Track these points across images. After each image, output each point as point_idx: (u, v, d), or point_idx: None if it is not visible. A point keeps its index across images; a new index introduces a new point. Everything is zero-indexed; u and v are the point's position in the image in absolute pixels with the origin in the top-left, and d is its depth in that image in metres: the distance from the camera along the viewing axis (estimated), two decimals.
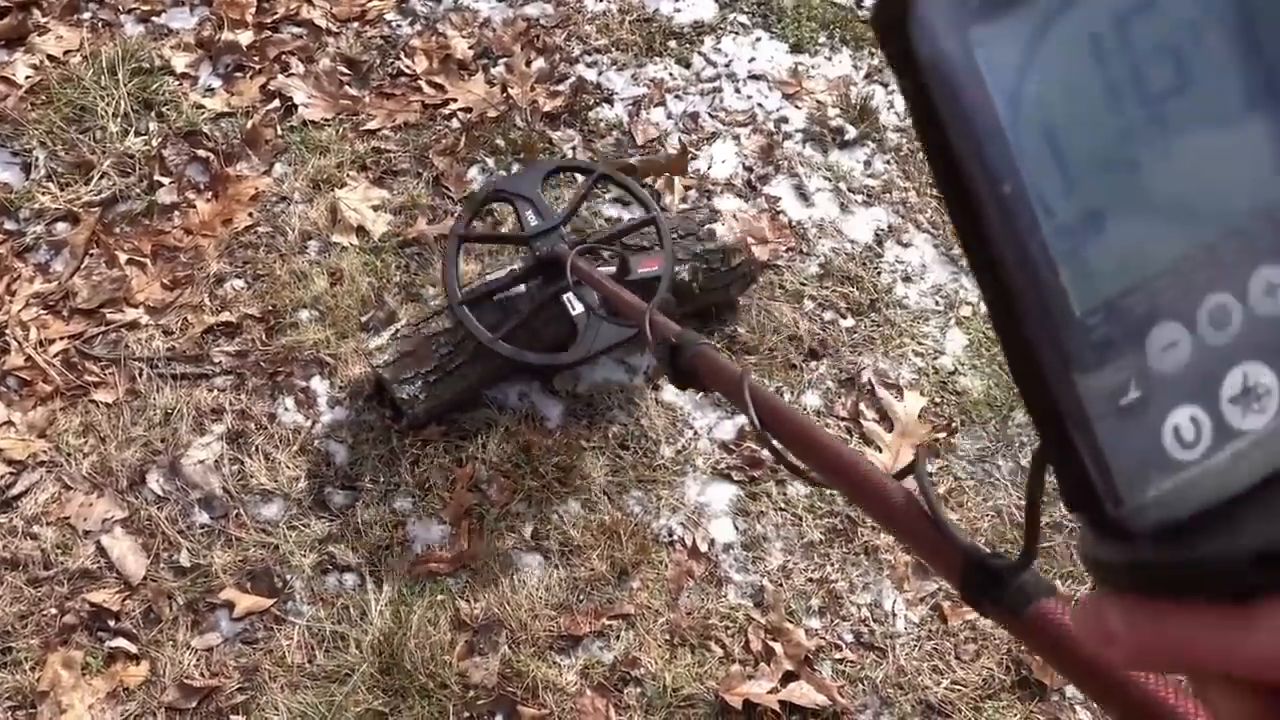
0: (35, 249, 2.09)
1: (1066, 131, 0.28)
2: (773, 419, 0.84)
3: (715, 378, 1.02)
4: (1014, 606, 0.54)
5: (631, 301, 1.36)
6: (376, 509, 1.79)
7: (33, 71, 2.31)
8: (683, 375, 1.07)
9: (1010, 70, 0.28)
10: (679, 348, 1.07)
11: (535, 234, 1.82)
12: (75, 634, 1.68)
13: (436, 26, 2.45)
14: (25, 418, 1.87)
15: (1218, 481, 0.29)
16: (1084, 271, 0.29)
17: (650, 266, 1.80)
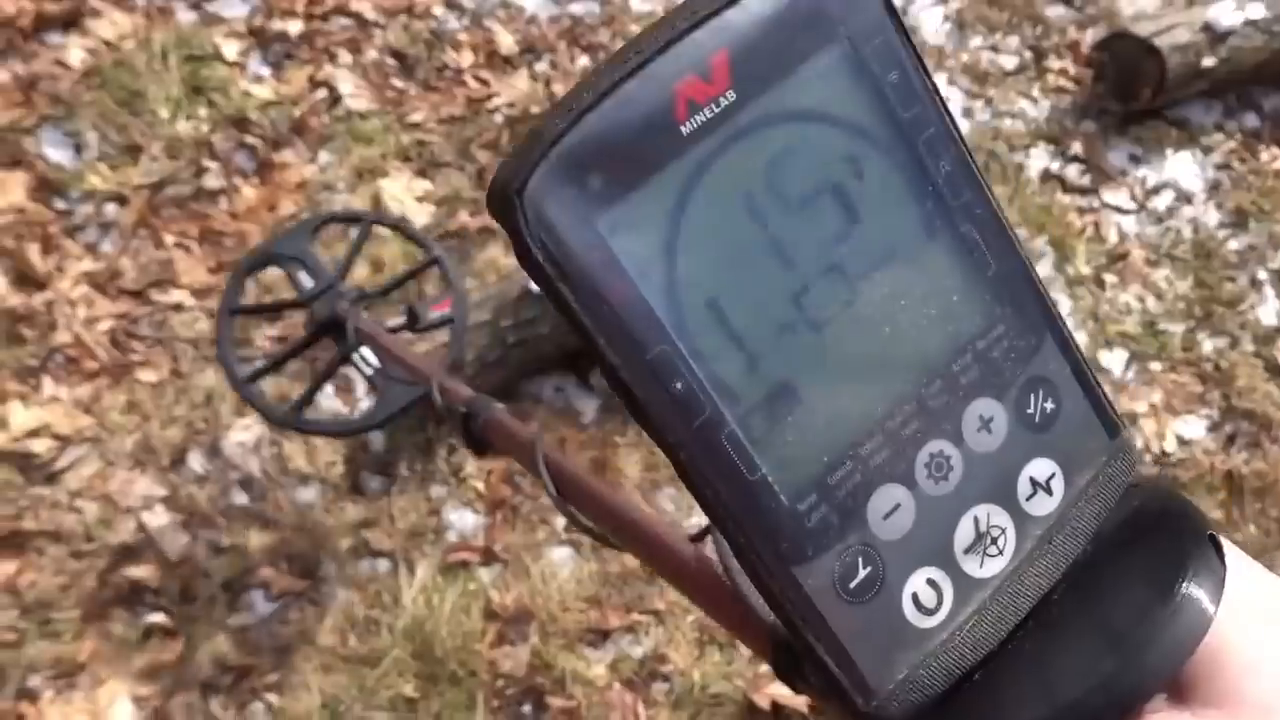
0: (85, 228, 2.12)
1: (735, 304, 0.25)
2: (569, 485, 0.78)
3: (508, 444, 0.93)
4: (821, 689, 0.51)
5: (415, 364, 1.25)
6: (411, 496, 1.81)
7: (87, 55, 2.35)
8: (478, 443, 0.98)
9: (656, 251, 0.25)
10: (469, 415, 0.97)
11: (313, 296, 1.64)
12: (114, 607, 1.71)
13: (483, 21, 2.47)
14: (72, 393, 1.91)
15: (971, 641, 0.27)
16: (784, 455, 0.26)
17: (441, 309, 1.66)
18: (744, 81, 0.25)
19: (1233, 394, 1.99)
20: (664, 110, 0.24)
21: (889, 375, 0.27)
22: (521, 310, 1.82)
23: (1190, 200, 2.29)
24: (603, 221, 0.24)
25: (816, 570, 0.26)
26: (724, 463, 0.25)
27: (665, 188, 0.24)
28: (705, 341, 0.25)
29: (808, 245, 0.26)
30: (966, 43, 2.51)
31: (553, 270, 0.24)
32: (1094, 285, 2.13)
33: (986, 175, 0.28)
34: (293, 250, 1.72)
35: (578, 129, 0.24)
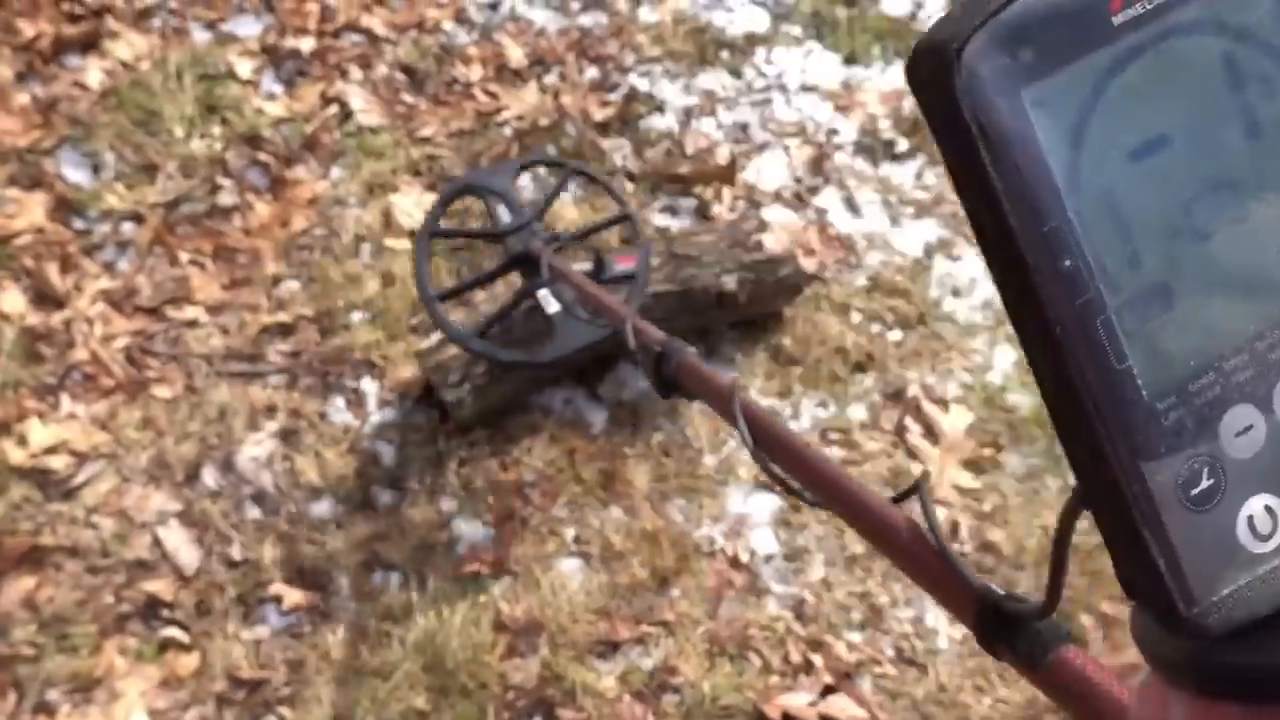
0: (102, 247, 2.16)
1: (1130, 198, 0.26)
2: (767, 438, 0.78)
3: (701, 388, 0.95)
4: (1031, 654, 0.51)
5: (611, 304, 1.29)
6: (422, 509, 1.82)
7: (104, 76, 2.39)
8: (667, 385, 1.01)
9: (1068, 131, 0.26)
10: (663, 355, 1.01)
11: (508, 230, 1.77)
12: (130, 622, 1.73)
13: (492, 35, 2.49)
14: (88, 410, 1.94)
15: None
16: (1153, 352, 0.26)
17: (626, 264, 1.76)
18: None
19: None
20: None
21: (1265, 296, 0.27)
22: (532, 322, 1.83)
23: None
24: (1027, 93, 0.25)
25: (1163, 469, 0.26)
26: (1096, 347, 0.26)
27: (1088, 72, 0.25)
28: (1097, 227, 0.26)
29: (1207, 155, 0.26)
30: None
31: (976, 129, 0.25)
32: None
33: None
34: (496, 185, 1.84)
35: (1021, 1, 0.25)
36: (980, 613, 0.53)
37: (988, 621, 0.53)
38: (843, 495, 0.69)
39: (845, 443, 1.90)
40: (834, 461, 0.73)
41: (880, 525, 0.65)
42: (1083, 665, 0.49)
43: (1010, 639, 0.52)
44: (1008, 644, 0.52)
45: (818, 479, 0.72)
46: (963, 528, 1.80)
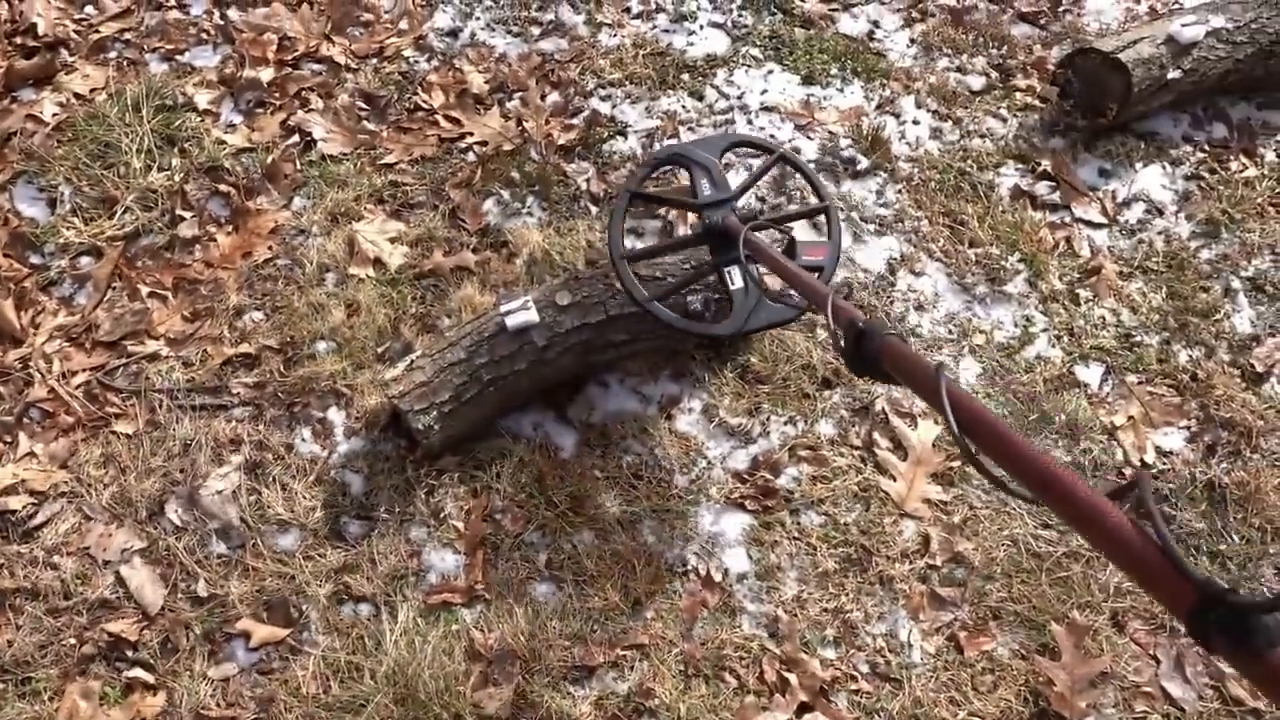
0: (60, 283, 2.13)
1: None
2: (971, 423, 0.77)
3: (905, 371, 0.95)
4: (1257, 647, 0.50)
5: (812, 284, 1.30)
6: (391, 539, 1.80)
7: (59, 109, 2.36)
8: (863, 363, 1.02)
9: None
10: (865, 334, 1.02)
11: (708, 203, 1.80)
12: (93, 664, 1.69)
13: (453, 62, 2.49)
14: (47, 449, 1.90)
15: None
16: None
17: (815, 256, 1.78)
18: None
19: (1210, 404, 1.99)
20: None
21: None
22: (498, 348, 1.82)
23: (1161, 212, 2.30)
24: None
25: None
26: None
27: None
28: None
29: None
30: (934, 64, 2.54)
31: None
32: (1068, 300, 2.13)
33: None
34: (702, 158, 1.86)
35: None
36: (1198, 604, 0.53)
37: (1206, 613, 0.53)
38: (1054, 486, 0.68)
39: (814, 459, 1.90)
40: (1048, 454, 0.71)
41: (1095, 519, 0.64)
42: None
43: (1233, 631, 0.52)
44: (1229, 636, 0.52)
45: (1027, 469, 0.70)
46: (933, 540, 1.81)
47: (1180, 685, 1.68)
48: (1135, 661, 1.70)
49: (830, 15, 2.62)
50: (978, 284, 2.14)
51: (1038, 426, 1.94)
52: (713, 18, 2.60)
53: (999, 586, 1.77)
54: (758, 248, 1.57)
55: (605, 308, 1.86)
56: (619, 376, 1.99)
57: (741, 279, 1.73)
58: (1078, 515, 0.66)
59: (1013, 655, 1.71)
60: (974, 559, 1.79)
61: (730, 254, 1.70)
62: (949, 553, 1.80)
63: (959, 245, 2.19)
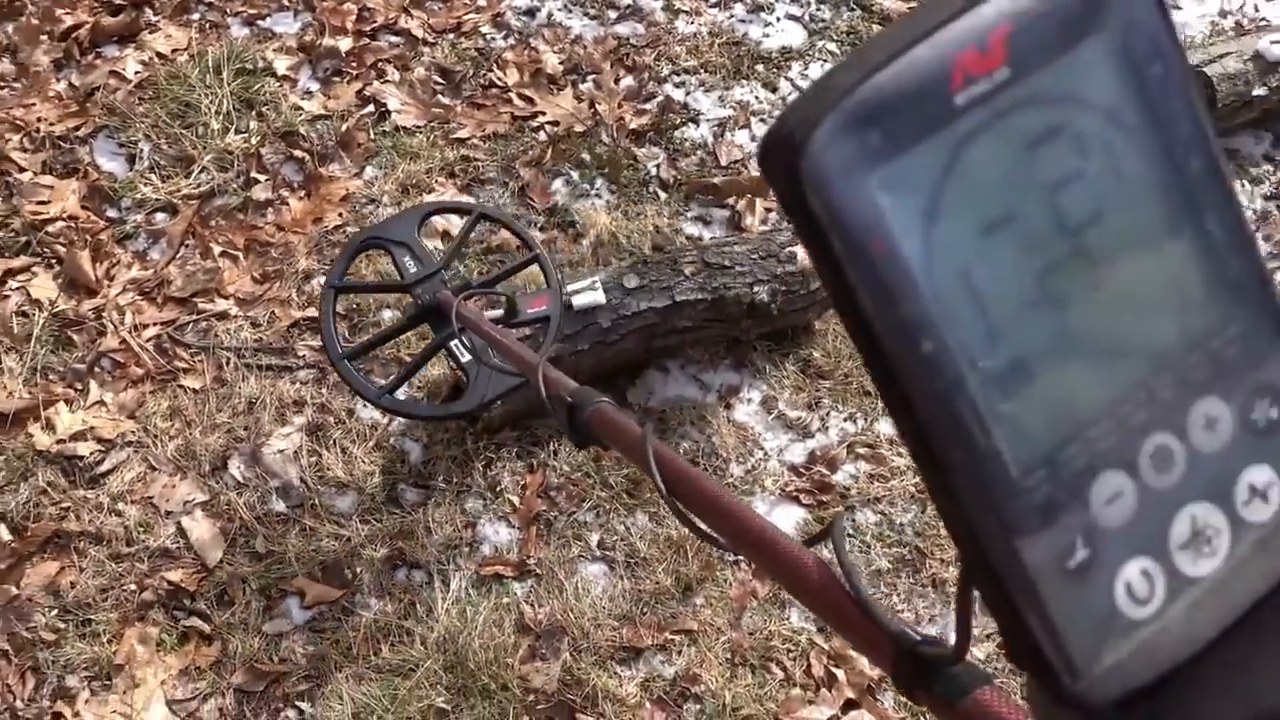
0: (135, 237, 2.17)
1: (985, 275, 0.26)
2: (679, 483, 0.77)
3: (615, 438, 0.93)
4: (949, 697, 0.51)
5: (521, 354, 1.27)
6: (448, 508, 1.82)
7: (142, 68, 2.40)
8: (581, 434, 0.99)
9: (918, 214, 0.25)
10: (575, 406, 0.98)
11: (415, 281, 1.72)
12: (152, 610, 1.72)
13: (529, 41, 2.50)
14: (116, 398, 1.94)
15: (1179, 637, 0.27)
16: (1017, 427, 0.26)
17: (538, 306, 1.72)
18: (1018, 60, 0.26)
19: None
20: (942, 78, 0.25)
21: (1123, 362, 0.28)
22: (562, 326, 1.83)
23: None
24: (875, 178, 0.25)
25: (1036, 545, 0.26)
26: (960, 426, 0.26)
27: (934, 153, 0.25)
28: (954, 308, 0.26)
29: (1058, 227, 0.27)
30: None
31: (825, 216, 0.25)
32: None
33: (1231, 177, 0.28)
34: (400, 235, 1.79)
35: (867, 85, 0.25)
36: (898, 658, 0.53)
37: (905, 666, 0.52)
38: (754, 540, 0.68)
39: (873, 457, 1.89)
40: (746, 506, 0.71)
41: (793, 570, 0.63)
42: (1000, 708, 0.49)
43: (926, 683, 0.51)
44: (924, 687, 0.52)
45: (730, 523, 0.71)
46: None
47: None
48: None
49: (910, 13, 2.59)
50: None
51: None
52: (790, 10, 2.58)
53: None
54: (467, 319, 1.51)
55: (672, 293, 1.86)
56: (680, 363, 1.99)
57: (469, 351, 1.66)
58: (778, 569, 0.65)
59: None
60: None
61: (449, 329, 1.62)
62: None
63: None
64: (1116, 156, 0.27)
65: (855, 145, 0.24)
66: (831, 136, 0.24)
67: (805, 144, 0.24)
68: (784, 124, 0.25)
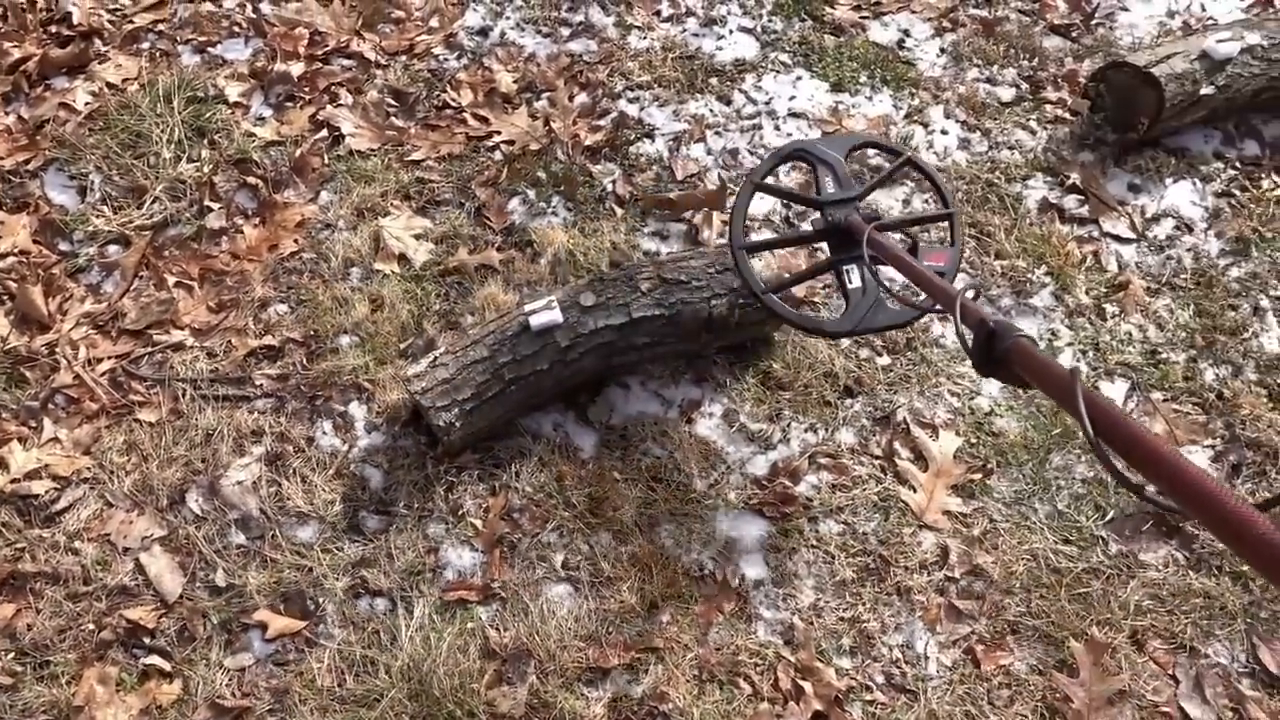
0: (87, 270, 2.14)
1: None
2: (1109, 429, 0.74)
3: (1037, 374, 0.94)
4: None
5: (940, 284, 1.29)
6: (410, 534, 1.80)
7: (92, 98, 2.38)
8: (993, 364, 1.02)
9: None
10: (995, 334, 1.01)
11: (831, 201, 1.77)
12: (111, 650, 1.70)
13: (482, 61, 2.50)
14: (71, 435, 1.91)
15: None
16: None
17: (937, 261, 1.75)
18: None
19: (1236, 423, 1.97)
20: None
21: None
22: (520, 347, 1.82)
23: (1190, 229, 2.28)
24: None
25: None
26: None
27: None
28: None
29: None
30: (964, 74, 2.53)
31: None
32: (1094, 315, 2.12)
33: None
34: (828, 156, 1.83)
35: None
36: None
37: None
38: (1197, 493, 0.65)
39: (835, 467, 1.89)
40: (1188, 459, 0.68)
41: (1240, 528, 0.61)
42: None
43: None
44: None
45: (1168, 475, 0.67)
46: (952, 552, 1.80)
47: (1199, 706, 1.66)
48: (1154, 681, 1.68)
49: (861, 23, 2.61)
50: (1003, 296, 2.13)
51: (1060, 441, 1.93)
52: (742, 22, 2.59)
53: (1017, 601, 1.76)
54: (884, 247, 1.54)
55: (629, 309, 1.86)
56: (640, 379, 1.99)
57: (860, 279, 1.70)
58: (1225, 527, 0.62)
59: (1030, 670, 1.69)
60: (993, 572, 1.78)
61: (850, 253, 1.69)
62: (968, 565, 1.79)
63: (985, 257, 2.18)
64: None
65: None
66: None
67: None
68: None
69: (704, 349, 1.98)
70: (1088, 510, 1.85)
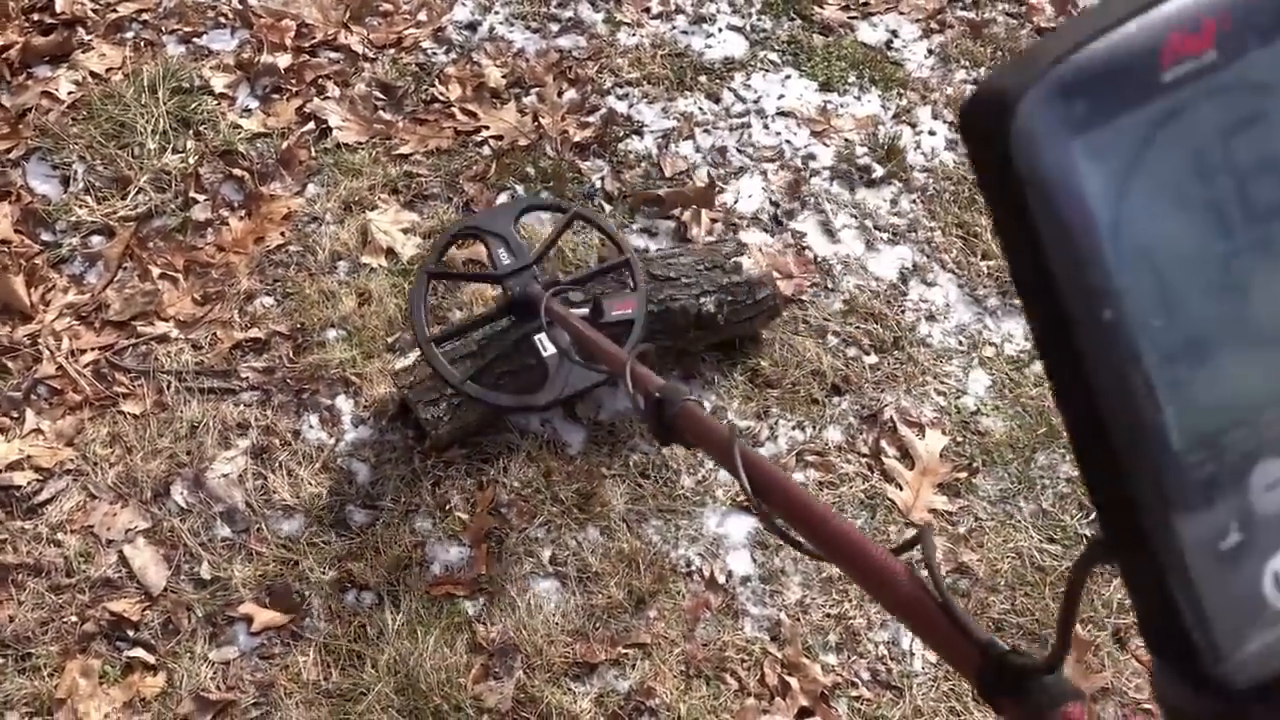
0: (70, 260, 2.12)
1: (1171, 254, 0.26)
2: (766, 486, 0.77)
3: (702, 437, 0.94)
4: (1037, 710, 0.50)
5: (610, 350, 1.28)
6: (396, 528, 1.80)
7: (75, 88, 2.36)
8: (666, 431, 0.99)
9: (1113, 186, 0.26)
10: (663, 402, 0.98)
11: (507, 273, 1.78)
12: (94, 642, 1.69)
13: (471, 55, 2.49)
14: (54, 426, 1.89)
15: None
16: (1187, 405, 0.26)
17: (624, 309, 1.75)
18: (1226, 44, 0.26)
19: None
20: (1152, 55, 0.25)
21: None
22: None
23: None
24: (1078, 144, 0.25)
25: (1193, 522, 0.26)
26: (1132, 396, 0.26)
27: (1136, 127, 0.26)
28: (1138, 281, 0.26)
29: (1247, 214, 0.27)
30: (951, 75, 2.55)
31: (1028, 177, 0.25)
32: None
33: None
34: (497, 228, 1.84)
35: (1078, 55, 0.25)
36: (984, 667, 0.53)
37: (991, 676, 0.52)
38: (844, 546, 0.68)
39: (822, 465, 1.91)
40: (837, 513, 0.71)
41: (882, 577, 0.63)
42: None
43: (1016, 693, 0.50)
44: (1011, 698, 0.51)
45: (819, 529, 0.70)
46: (938, 550, 1.81)
47: None
48: (1136, 678, 1.70)
49: (849, 23, 2.62)
50: (989, 296, 2.15)
51: (1045, 441, 1.95)
52: (731, 21, 2.60)
53: (1002, 598, 1.77)
54: (557, 314, 1.55)
55: None
56: None
57: (552, 345, 1.70)
58: (867, 576, 0.65)
59: None
60: (978, 570, 1.80)
61: (535, 321, 1.67)
62: (953, 563, 1.81)
63: (971, 257, 2.20)
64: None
65: (1063, 111, 0.25)
66: (1042, 100, 0.25)
67: (1016, 106, 0.25)
68: (993, 86, 0.26)
69: (692, 346, 1.98)
70: (1072, 509, 1.87)
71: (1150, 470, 0.26)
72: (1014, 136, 0.25)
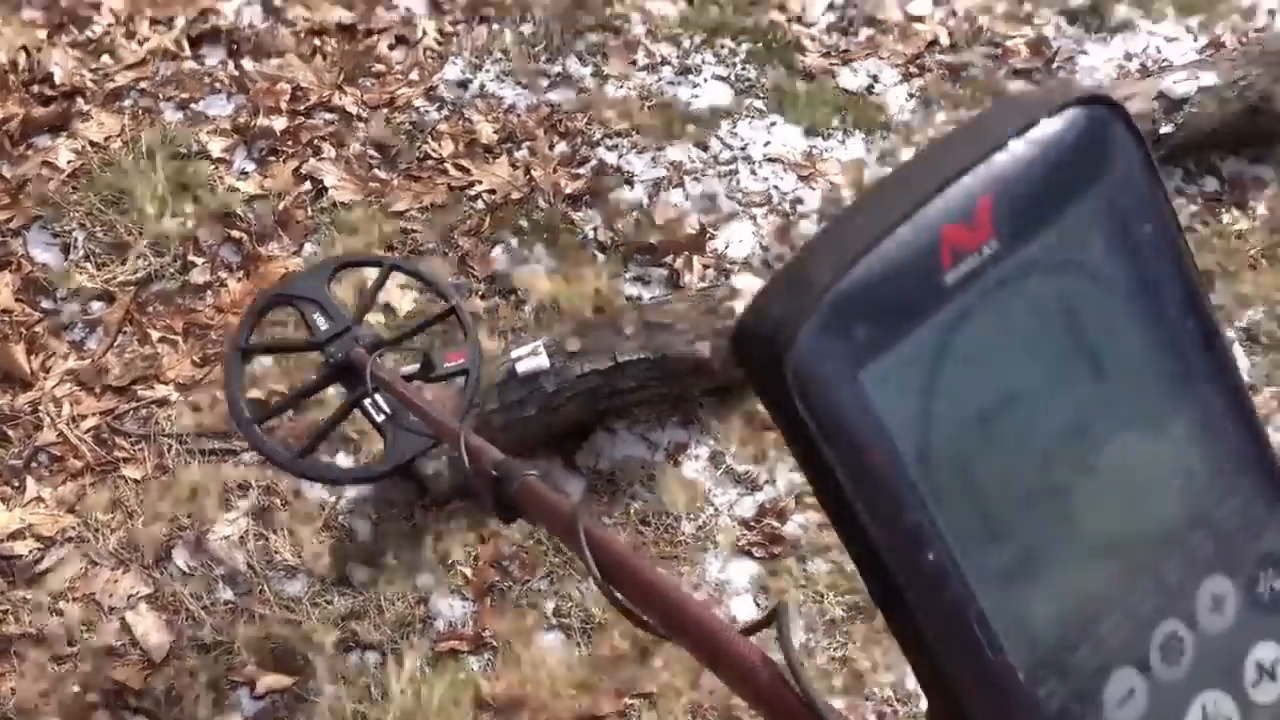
0: (71, 327, 2.14)
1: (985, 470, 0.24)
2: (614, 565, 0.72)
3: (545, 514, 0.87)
4: None
5: (439, 419, 1.19)
6: (399, 585, 1.80)
7: (75, 156, 2.40)
8: (508, 510, 0.91)
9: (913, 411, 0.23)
10: (502, 479, 0.90)
11: (326, 339, 1.63)
12: (97, 713, 1.68)
13: (463, 112, 2.54)
14: (55, 493, 1.90)
15: None
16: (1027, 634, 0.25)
17: (456, 360, 1.66)
18: (1005, 229, 0.24)
19: None
20: (931, 259, 0.23)
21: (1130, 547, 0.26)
22: (507, 393, 1.84)
23: None
24: (866, 374, 0.23)
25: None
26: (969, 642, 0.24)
27: (926, 341, 0.23)
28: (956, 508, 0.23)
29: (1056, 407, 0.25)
30: (932, 118, 2.59)
31: (813, 423, 0.22)
32: None
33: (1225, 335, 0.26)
34: (308, 292, 1.70)
35: (849, 276, 0.23)
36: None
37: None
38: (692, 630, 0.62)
39: (820, 507, 1.91)
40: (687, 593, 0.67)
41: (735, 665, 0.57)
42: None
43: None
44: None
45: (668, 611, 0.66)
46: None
47: None
48: None
49: (830, 69, 2.68)
50: None
51: None
52: (716, 71, 2.65)
53: None
54: (383, 381, 1.45)
55: (614, 354, 1.88)
56: (627, 423, 2.00)
57: (384, 410, 1.58)
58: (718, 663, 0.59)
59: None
60: None
61: (363, 387, 1.52)
62: None
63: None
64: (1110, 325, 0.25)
65: (844, 341, 0.22)
66: (817, 335, 0.22)
67: (789, 345, 0.22)
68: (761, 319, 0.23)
69: (689, 391, 2.00)
70: None
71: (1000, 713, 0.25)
72: (793, 380, 0.22)
